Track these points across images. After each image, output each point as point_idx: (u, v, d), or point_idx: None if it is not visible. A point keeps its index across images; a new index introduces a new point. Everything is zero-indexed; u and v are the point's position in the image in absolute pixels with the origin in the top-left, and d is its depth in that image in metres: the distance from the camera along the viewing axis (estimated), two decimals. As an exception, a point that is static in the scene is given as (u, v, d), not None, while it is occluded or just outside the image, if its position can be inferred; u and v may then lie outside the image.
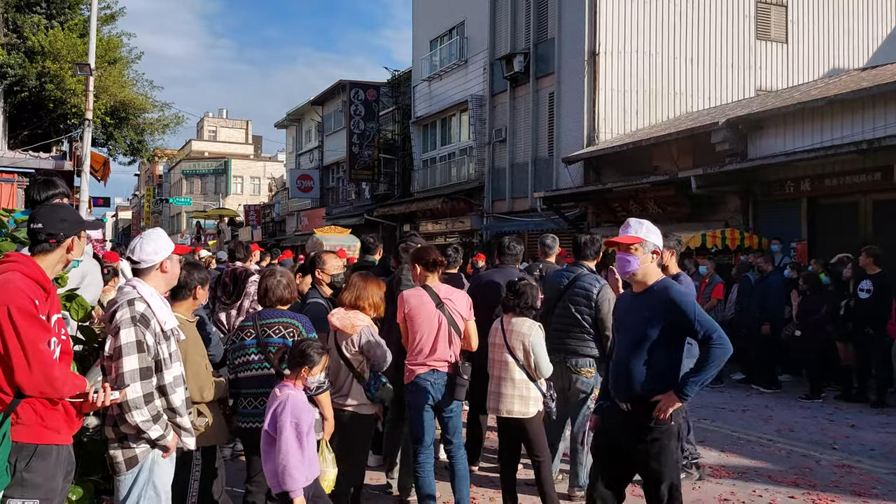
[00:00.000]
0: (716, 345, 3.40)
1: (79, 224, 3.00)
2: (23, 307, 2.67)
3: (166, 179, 67.78)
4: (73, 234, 2.95)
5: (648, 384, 3.49)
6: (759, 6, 18.66)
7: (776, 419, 8.16)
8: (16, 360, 2.64)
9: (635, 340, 3.53)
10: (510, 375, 4.67)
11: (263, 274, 4.47)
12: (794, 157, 11.66)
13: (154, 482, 3.21)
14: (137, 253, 3.30)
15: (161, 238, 3.40)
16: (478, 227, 21.29)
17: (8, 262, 2.80)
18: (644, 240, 3.58)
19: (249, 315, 4.46)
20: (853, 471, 6.14)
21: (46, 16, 18.13)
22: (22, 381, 2.66)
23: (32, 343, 2.66)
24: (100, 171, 16.89)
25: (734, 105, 16.20)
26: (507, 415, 4.68)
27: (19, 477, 2.71)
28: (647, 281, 3.61)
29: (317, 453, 3.74)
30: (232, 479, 4.87)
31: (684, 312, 3.45)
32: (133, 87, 20.11)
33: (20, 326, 2.64)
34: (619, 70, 17.44)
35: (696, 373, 3.44)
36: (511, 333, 4.69)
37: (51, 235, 2.88)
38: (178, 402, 3.27)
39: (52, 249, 2.90)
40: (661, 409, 3.43)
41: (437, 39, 24.02)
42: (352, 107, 27.95)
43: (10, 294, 2.66)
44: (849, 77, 14.56)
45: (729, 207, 13.79)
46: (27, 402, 2.72)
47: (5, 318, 2.63)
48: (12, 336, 2.63)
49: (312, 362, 3.64)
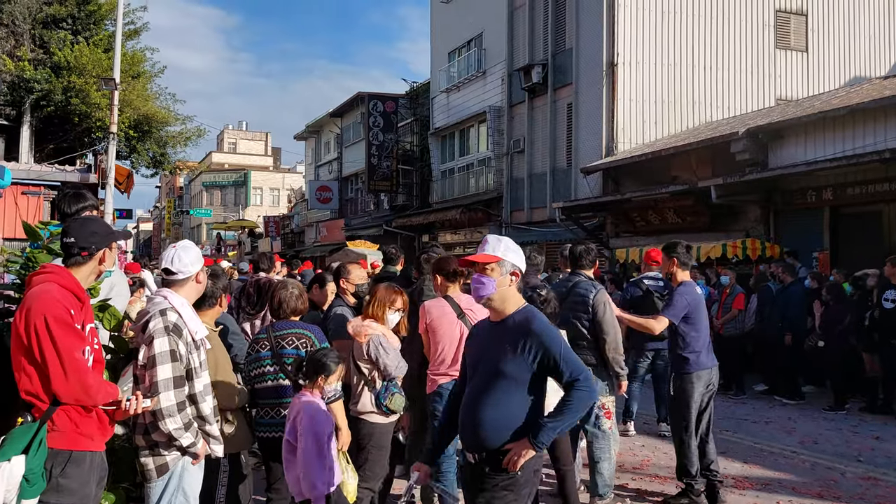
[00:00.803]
0: (581, 388, 2.91)
1: (110, 236, 3.08)
2: (59, 316, 2.75)
3: (187, 191, 68.50)
4: (104, 247, 3.03)
5: (500, 432, 2.96)
6: (778, 15, 18.60)
7: (799, 431, 8.09)
8: (52, 368, 2.72)
9: (488, 378, 3.01)
10: None
11: (276, 286, 4.52)
12: (815, 167, 11.59)
13: (184, 489, 3.28)
14: (176, 264, 3.36)
15: (195, 249, 3.48)
16: (496, 238, 21.27)
17: (45, 273, 2.89)
18: (501, 259, 3.04)
19: (263, 327, 4.52)
20: (879, 483, 6.07)
21: (72, 31, 18.48)
22: (58, 389, 2.74)
23: (68, 351, 2.74)
24: (123, 184, 17.14)
25: (754, 114, 16.13)
26: None
27: (55, 483, 2.78)
28: (505, 309, 3.06)
29: (335, 461, 3.78)
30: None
31: (548, 348, 2.93)
32: (156, 100, 20.40)
33: (56, 335, 2.72)
34: (638, 80, 17.43)
35: (555, 417, 2.92)
36: None
37: (83, 249, 2.97)
38: (208, 411, 3.33)
39: (84, 262, 2.98)
40: (510, 460, 2.91)
41: (456, 51, 24.15)
42: (370, 118, 28.15)
43: (48, 304, 2.75)
44: (870, 85, 14.45)
45: (749, 217, 13.71)
46: (62, 410, 2.79)
47: (42, 327, 2.71)
48: (49, 345, 2.71)
49: (329, 371, 3.69)
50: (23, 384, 2.75)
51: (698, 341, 5.40)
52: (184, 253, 3.39)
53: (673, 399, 5.51)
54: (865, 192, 11.61)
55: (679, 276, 5.51)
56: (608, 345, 5.14)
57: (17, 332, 2.75)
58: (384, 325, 4.45)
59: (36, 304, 2.74)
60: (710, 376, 5.47)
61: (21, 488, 2.65)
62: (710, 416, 5.53)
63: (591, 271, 5.57)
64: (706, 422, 5.51)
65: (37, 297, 2.77)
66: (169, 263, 3.37)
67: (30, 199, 13.05)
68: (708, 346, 5.49)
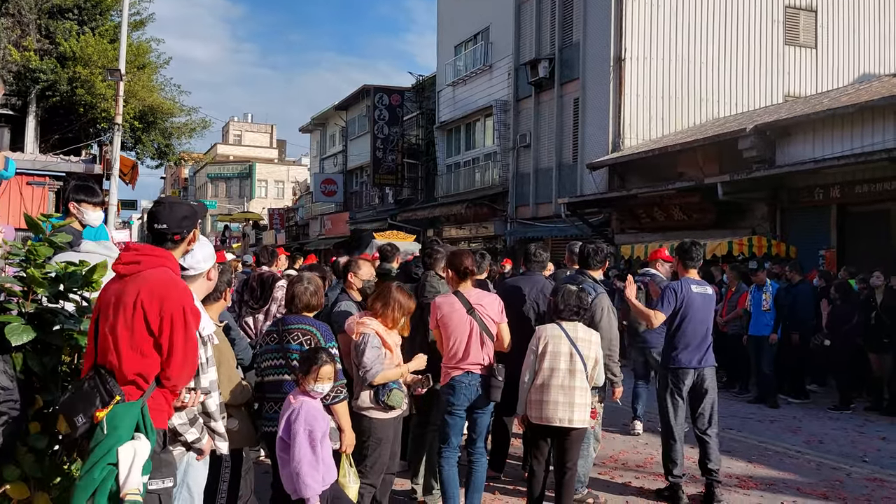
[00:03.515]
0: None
1: (195, 216, 3.15)
2: (194, 308, 2.87)
3: (192, 182, 68.57)
4: (194, 228, 3.12)
5: None
6: (787, 11, 18.47)
7: (805, 430, 8.05)
8: (177, 356, 2.76)
9: None
10: (582, 384, 4.60)
11: (292, 279, 4.49)
12: (823, 164, 11.52)
13: (189, 484, 3.26)
14: (188, 260, 3.31)
15: (208, 246, 3.45)
16: (501, 233, 21.27)
17: (159, 257, 2.89)
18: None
19: (276, 320, 4.49)
20: (885, 485, 6.03)
21: (78, 22, 18.46)
22: (174, 374, 2.79)
23: (193, 342, 2.84)
24: (128, 175, 17.13)
25: (762, 111, 16.03)
26: (581, 424, 4.62)
27: (157, 459, 2.80)
28: None
29: (332, 458, 3.77)
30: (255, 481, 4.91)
31: None
32: (161, 91, 20.39)
33: (189, 325, 2.80)
34: (645, 75, 17.34)
35: None
36: (582, 342, 4.64)
37: (176, 233, 3.03)
38: (214, 407, 3.30)
39: (176, 246, 3.05)
40: None
41: (462, 45, 24.07)
42: (376, 111, 28.10)
43: (184, 294, 2.83)
44: (879, 83, 14.35)
45: (756, 214, 13.64)
46: (160, 391, 2.82)
47: (180, 317, 2.75)
48: (182, 335, 2.76)
49: (318, 364, 3.66)
50: (133, 365, 2.72)
51: (681, 339, 5.45)
52: (197, 249, 3.35)
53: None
54: (873, 191, 11.53)
55: (682, 275, 5.61)
56: (602, 350, 5.12)
57: (146, 316, 2.72)
58: (394, 328, 4.42)
59: (173, 294, 2.77)
60: (694, 376, 5.49)
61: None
62: (709, 416, 5.52)
63: (598, 272, 5.53)
64: (705, 420, 5.52)
65: (169, 284, 2.80)
66: (182, 259, 3.34)
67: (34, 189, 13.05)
68: (693, 346, 5.47)
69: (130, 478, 2.56)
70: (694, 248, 5.68)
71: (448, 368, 4.75)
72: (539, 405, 4.63)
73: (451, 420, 4.74)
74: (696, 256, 5.67)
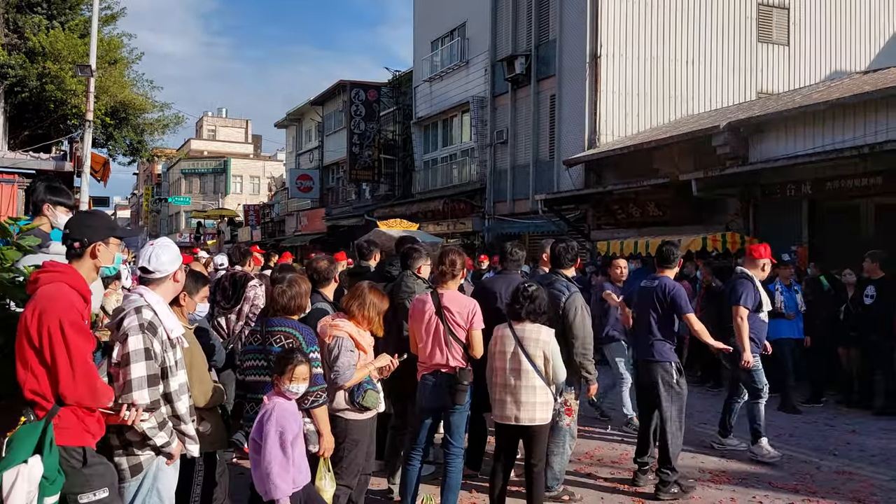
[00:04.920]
0: None
1: (106, 230, 3.07)
2: (74, 321, 2.77)
3: (165, 178, 67.76)
4: (98, 240, 3.02)
5: None
6: (760, 9, 18.67)
7: (776, 424, 8.15)
8: (63, 371, 2.73)
9: None
10: (531, 383, 4.61)
11: (274, 279, 4.43)
12: (795, 161, 11.66)
13: (158, 489, 3.23)
14: (153, 263, 3.30)
15: (173, 247, 3.43)
16: (479, 229, 21.29)
17: (54, 273, 2.87)
18: None
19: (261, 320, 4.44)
20: (853, 477, 6.14)
21: (47, 16, 18.11)
22: (66, 391, 2.76)
23: (81, 356, 2.77)
24: (100, 172, 16.86)
25: (735, 108, 16.21)
26: (530, 423, 4.63)
27: (82, 476, 2.83)
28: None
29: (305, 460, 3.75)
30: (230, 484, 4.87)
31: None
32: (133, 87, 20.10)
33: (71, 340, 2.74)
34: (621, 72, 17.45)
35: None
36: (528, 341, 4.63)
37: (75, 240, 2.98)
38: (183, 410, 3.28)
39: (80, 255, 2.99)
40: None
41: (439, 40, 24.02)
42: (352, 107, 27.96)
43: (63, 307, 2.76)
44: (850, 80, 14.56)
45: (730, 210, 13.78)
46: (70, 409, 2.82)
47: (57, 330, 2.72)
48: (62, 349, 2.72)
49: (293, 363, 3.65)
50: (29, 383, 2.75)
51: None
52: (162, 251, 3.32)
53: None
54: (844, 187, 11.69)
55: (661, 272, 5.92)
56: (576, 349, 5.14)
57: (28, 333, 2.75)
58: (369, 328, 4.40)
59: (52, 307, 2.75)
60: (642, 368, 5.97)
61: (41, 487, 2.69)
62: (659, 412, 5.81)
63: (570, 270, 5.55)
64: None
65: (51, 298, 2.77)
66: (146, 262, 3.30)
67: (3, 187, 12.79)
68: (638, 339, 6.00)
69: (11, 501, 2.59)
70: (670, 245, 5.96)
71: (419, 366, 4.83)
72: (493, 404, 4.76)
73: (418, 417, 4.84)
74: (674, 255, 5.95)
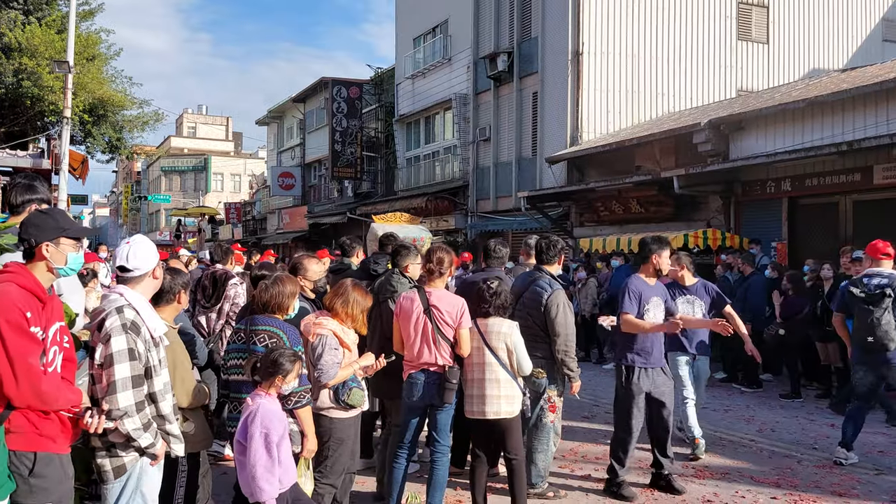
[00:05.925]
0: None
1: (55, 230, 2.89)
2: (14, 321, 2.67)
3: (145, 176, 67.07)
4: (45, 240, 2.85)
5: None
6: (740, 7, 18.83)
7: (758, 419, 8.25)
8: (3, 373, 2.65)
9: None
10: (495, 376, 4.68)
11: (263, 280, 4.38)
12: (775, 158, 11.78)
13: (142, 490, 3.19)
14: (131, 261, 3.24)
15: (150, 244, 3.37)
16: (462, 226, 21.30)
17: (5, 273, 2.79)
18: None
19: (244, 319, 4.39)
20: (834, 471, 6.21)
21: (23, 12, 17.86)
22: (9, 394, 2.69)
23: (21, 357, 2.66)
24: (78, 170, 16.65)
25: (716, 106, 16.34)
26: (496, 416, 4.68)
27: (28, 485, 2.74)
28: None
29: (291, 460, 3.71)
30: (213, 485, 4.84)
31: None
32: (112, 83, 19.88)
33: (9, 340, 2.64)
34: (603, 70, 17.52)
35: None
36: (490, 334, 4.72)
37: (23, 238, 2.87)
38: (167, 410, 3.24)
39: (32, 256, 2.88)
40: None
41: (421, 37, 23.97)
42: (334, 104, 27.84)
43: (3, 307, 2.67)
44: (829, 78, 14.73)
45: (711, 207, 13.90)
46: (20, 412, 2.74)
47: None
48: (0, 350, 2.64)
49: (284, 370, 3.61)
50: None
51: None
52: (138, 248, 3.28)
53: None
54: (823, 184, 11.84)
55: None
56: (558, 346, 5.17)
57: None
58: (353, 325, 4.37)
59: None
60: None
61: None
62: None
63: (554, 267, 5.56)
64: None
65: None
66: (124, 261, 3.24)
67: (-21, 185, 12.58)
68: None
69: None
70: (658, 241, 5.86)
71: (406, 364, 4.79)
72: (469, 400, 4.80)
73: (406, 415, 4.80)
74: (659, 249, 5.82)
